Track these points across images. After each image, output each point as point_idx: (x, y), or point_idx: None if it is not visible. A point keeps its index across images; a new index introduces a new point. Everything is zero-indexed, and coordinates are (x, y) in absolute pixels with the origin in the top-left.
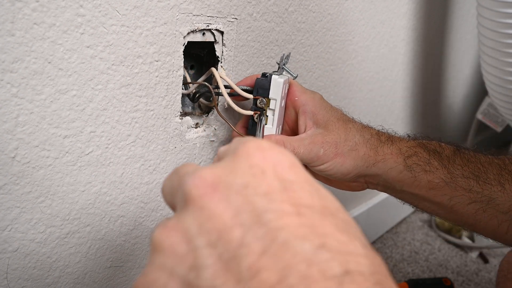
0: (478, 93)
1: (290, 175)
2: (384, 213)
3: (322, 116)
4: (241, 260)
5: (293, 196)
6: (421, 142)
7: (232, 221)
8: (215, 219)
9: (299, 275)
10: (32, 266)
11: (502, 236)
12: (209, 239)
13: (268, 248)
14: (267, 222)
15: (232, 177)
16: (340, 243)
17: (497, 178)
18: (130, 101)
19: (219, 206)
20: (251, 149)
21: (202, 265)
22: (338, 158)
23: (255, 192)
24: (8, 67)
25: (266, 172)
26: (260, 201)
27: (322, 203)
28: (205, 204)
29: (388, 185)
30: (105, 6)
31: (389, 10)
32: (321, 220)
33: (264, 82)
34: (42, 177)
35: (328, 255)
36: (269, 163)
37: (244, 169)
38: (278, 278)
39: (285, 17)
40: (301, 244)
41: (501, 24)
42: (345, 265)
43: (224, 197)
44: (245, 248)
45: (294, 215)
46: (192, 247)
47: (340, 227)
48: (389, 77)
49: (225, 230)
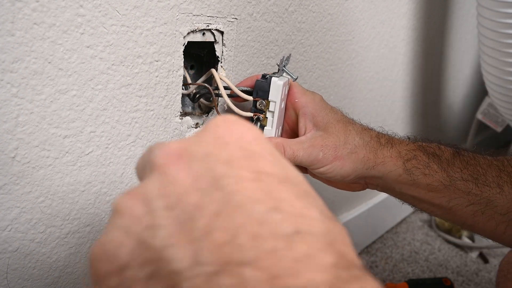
0: (478, 93)
1: (254, 146)
2: (384, 213)
3: (322, 118)
4: (196, 222)
5: (254, 165)
6: (420, 145)
7: (191, 186)
8: (175, 184)
9: (249, 235)
10: (32, 266)
11: (500, 236)
12: (167, 202)
13: (222, 210)
14: (224, 186)
15: (196, 147)
16: (295, 208)
17: (496, 180)
18: (130, 101)
19: (181, 172)
20: (218, 122)
21: (158, 225)
22: (338, 161)
23: (216, 160)
24: (8, 67)
25: (229, 143)
26: (220, 168)
27: (284, 173)
28: (167, 170)
29: (387, 186)
30: (105, 6)
31: (389, 10)
32: (279, 187)
33: (263, 84)
34: (42, 177)
35: (280, 216)
36: (233, 135)
37: (208, 140)
38: (228, 238)
39: (285, 17)
40: (254, 206)
41: (501, 24)
42: (296, 225)
43: (187, 164)
44: (201, 211)
45: (252, 180)
46: (150, 209)
47: (298, 195)
48: (389, 77)
49: (183, 194)
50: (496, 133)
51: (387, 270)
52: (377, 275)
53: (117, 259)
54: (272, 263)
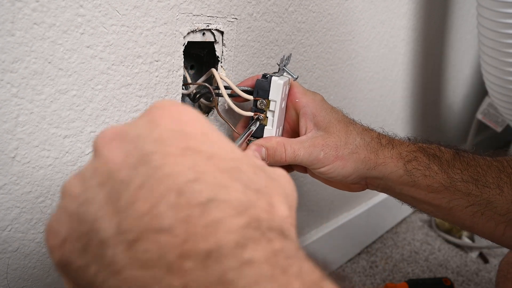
0: (478, 93)
1: (186, 127)
2: (384, 213)
3: (323, 118)
4: (122, 194)
5: (182, 143)
6: (421, 146)
7: (121, 163)
8: (107, 163)
9: (167, 204)
10: (32, 266)
11: (499, 238)
12: (100, 180)
13: (146, 183)
14: (151, 161)
15: (129, 129)
16: (215, 179)
17: (496, 182)
18: (130, 101)
19: (113, 152)
20: (153, 107)
21: (90, 201)
22: (339, 161)
23: (146, 139)
24: (8, 67)
25: (160, 125)
26: (148, 146)
27: (213, 150)
28: (102, 151)
29: (387, 187)
30: (105, 6)
31: (389, 10)
32: (204, 161)
33: (264, 84)
34: (42, 177)
35: (199, 186)
36: (166, 117)
37: (142, 123)
38: (148, 208)
39: (285, 17)
40: (176, 177)
41: (501, 24)
42: (212, 194)
43: (119, 145)
44: (127, 184)
45: (177, 156)
46: (85, 187)
47: (224, 169)
48: (389, 77)
49: (114, 171)
50: (496, 133)
51: (387, 270)
52: (377, 275)
53: (58, 235)
54: (185, 230)
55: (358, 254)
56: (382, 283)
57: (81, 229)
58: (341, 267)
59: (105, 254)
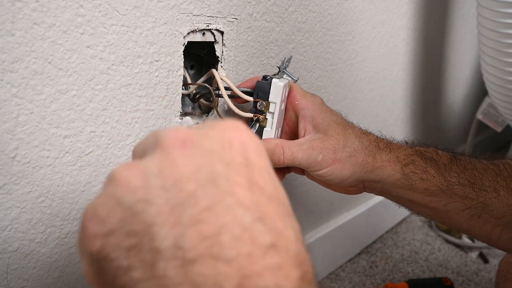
0: (478, 93)
1: (254, 158)
2: (384, 213)
3: (322, 121)
4: (187, 209)
5: (250, 174)
6: (418, 149)
7: (190, 175)
8: (175, 169)
9: (231, 235)
10: (32, 266)
11: (495, 241)
12: (164, 182)
13: (214, 206)
14: (220, 185)
15: (203, 140)
16: (276, 225)
17: (492, 185)
18: (130, 101)
19: (183, 159)
20: (228, 125)
21: (151, 202)
22: (337, 164)
23: (219, 158)
24: (8, 67)
25: (233, 147)
26: (220, 167)
27: (273, 192)
28: (171, 153)
29: (385, 190)
30: (105, 6)
31: (389, 10)
32: (266, 202)
33: (264, 85)
34: (42, 177)
35: (263, 228)
36: (239, 141)
37: (216, 138)
38: (213, 233)
39: (285, 17)
40: (243, 212)
41: (501, 24)
42: (274, 239)
43: (190, 153)
44: (194, 200)
45: (245, 188)
46: (146, 184)
47: (281, 214)
48: (389, 77)
49: (181, 180)
50: (496, 133)
51: (387, 270)
52: (377, 275)
53: (106, 224)
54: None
55: (358, 254)
56: (382, 283)
57: (133, 228)
58: (341, 267)
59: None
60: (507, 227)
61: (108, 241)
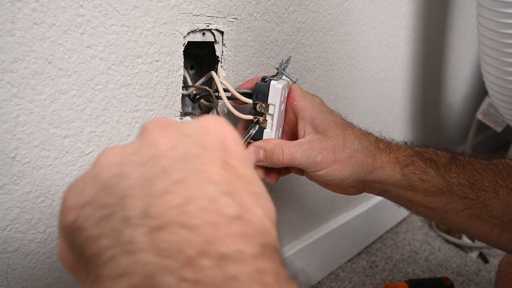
0: (478, 93)
1: (231, 145)
2: (384, 213)
3: (321, 121)
4: (158, 181)
5: (225, 157)
6: (418, 150)
7: (165, 153)
8: (153, 146)
9: (198, 206)
10: (32, 266)
11: (494, 240)
12: (141, 159)
13: (184, 180)
14: (193, 163)
15: (183, 127)
16: (243, 200)
17: (492, 185)
18: (130, 101)
19: (161, 139)
20: (208, 117)
21: (125, 175)
22: (336, 164)
23: (195, 141)
24: (8, 67)
25: (211, 133)
26: (195, 148)
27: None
28: (150, 134)
29: (384, 191)
30: (105, 6)
31: (389, 10)
32: (238, 181)
33: (263, 87)
34: (42, 177)
35: (230, 201)
36: (217, 129)
37: (195, 126)
38: (179, 203)
39: (285, 17)
40: (211, 186)
41: (501, 24)
42: (240, 212)
43: (168, 136)
44: (165, 174)
45: (218, 166)
46: (123, 161)
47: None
48: (389, 77)
49: (156, 157)
50: (496, 133)
51: (387, 270)
52: (377, 275)
53: (81, 196)
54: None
55: (358, 254)
56: (382, 283)
57: (106, 200)
58: (341, 267)
59: (125, 232)
60: (506, 227)
61: (82, 212)
